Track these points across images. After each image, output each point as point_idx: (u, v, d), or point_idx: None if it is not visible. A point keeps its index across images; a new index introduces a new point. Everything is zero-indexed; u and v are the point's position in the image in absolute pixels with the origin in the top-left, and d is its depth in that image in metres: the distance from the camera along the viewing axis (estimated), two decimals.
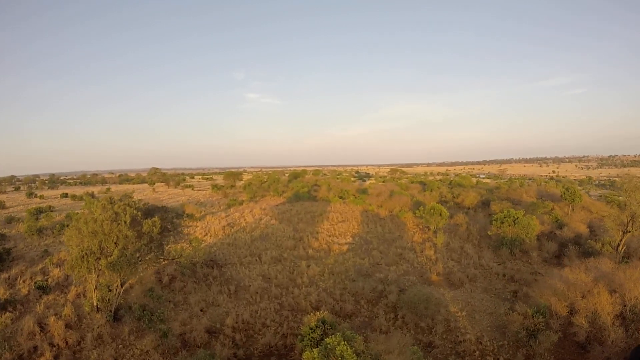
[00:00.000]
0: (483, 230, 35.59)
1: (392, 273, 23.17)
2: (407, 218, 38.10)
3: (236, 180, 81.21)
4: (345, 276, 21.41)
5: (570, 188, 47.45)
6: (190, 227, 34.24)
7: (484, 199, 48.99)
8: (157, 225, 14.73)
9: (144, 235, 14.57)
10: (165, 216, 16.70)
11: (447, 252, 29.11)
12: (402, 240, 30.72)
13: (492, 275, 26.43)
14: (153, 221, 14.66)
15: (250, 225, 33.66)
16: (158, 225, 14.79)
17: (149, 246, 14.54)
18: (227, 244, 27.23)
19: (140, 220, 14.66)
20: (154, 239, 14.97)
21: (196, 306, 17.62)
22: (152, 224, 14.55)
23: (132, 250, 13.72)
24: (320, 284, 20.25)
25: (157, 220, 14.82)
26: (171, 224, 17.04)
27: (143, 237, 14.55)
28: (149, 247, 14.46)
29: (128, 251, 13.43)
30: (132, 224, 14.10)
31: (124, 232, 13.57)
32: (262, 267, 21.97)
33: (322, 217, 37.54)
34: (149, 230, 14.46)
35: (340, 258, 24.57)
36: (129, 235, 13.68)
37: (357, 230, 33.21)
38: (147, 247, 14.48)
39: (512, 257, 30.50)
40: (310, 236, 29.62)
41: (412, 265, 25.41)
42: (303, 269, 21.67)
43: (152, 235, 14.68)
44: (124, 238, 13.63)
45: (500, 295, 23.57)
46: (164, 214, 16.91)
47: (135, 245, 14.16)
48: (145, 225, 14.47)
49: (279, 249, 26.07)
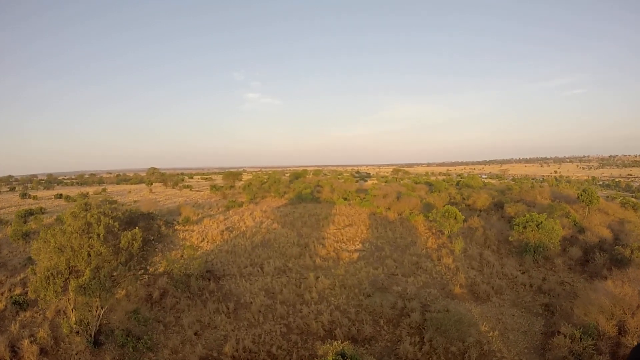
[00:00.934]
0: (500, 235, 33.20)
1: (410, 285, 20.71)
2: (418, 221, 35.63)
3: (235, 180, 78.63)
4: (359, 290, 18.92)
5: (587, 189, 45.13)
6: (186, 231, 31.75)
7: (496, 200, 46.56)
8: (138, 238, 12.07)
9: (122, 252, 11.95)
10: (150, 225, 14.07)
11: (466, 260, 26.65)
12: (416, 247, 28.24)
13: (518, 285, 24.00)
14: (133, 234, 12.01)
15: (250, 230, 31.15)
16: (139, 239, 12.13)
17: (128, 265, 11.88)
18: (226, 252, 24.70)
19: (118, 233, 12.10)
20: (134, 256, 12.28)
21: (190, 329, 15.11)
22: (131, 237, 11.91)
23: (106, 270, 11.13)
24: (332, 299, 17.75)
25: (138, 233, 12.14)
26: (157, 234, 14.37)
27: (121, 254, 11.91)
28: (127, 266, 11.79)
29: (102, 272, 10.89)
30: (107, 238, 11.56)
31: (96, 248, 11.03)
32: (265, 280, 19.45)
33: (328, 221, 35.05)
34: (127, 245, 11.86)
35: (351, 268, 22.08)
36: (102, 252, 11.13)
37: (366, 235, 30.73)
38: (125, 267, 11.78)
39: (535, 264, 28.13)
40: (317, 242, 27.12)
41: (431, 275, 22.94)
42: (311, 282, 19.17)
43: (132, 251, 12.03)
44: (96, 255, 11.10)
45: (530, 310, 21.15)
46: (149, 223, 14.31)
47: (112, 263, 11.57)
48: (124, 239, 11.87)
49: (283, 257, 23.56)
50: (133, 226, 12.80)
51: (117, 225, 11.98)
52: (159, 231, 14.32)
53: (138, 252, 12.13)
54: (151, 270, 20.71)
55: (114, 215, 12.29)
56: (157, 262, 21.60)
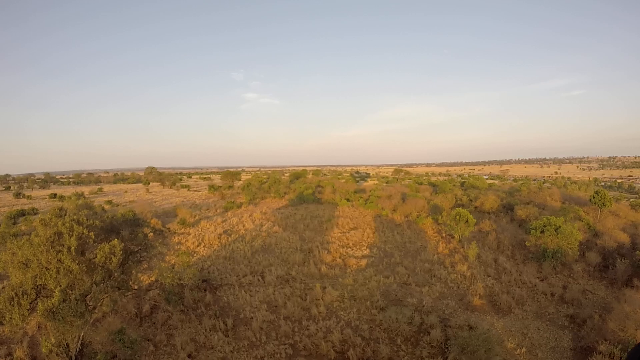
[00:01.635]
0: (513, 239, 31.51)
1: (426, 296, 18.94)
2: (427, 224, 33.89)
3: (234, 180, 76.68)
4: (370, 302, 17.13)
5: (600, 191, 43.48)
6: (182, 234, 29.89)
7: (505, 202, 44.81)
8: (118, 252, 10.12)
9: (98, 268, 10.00)
10: (134, 234, 12.14)
11: (481, 267, 24.90)
12: (427, 252, 26.47)
13: (539, 295, 22.30)
14: (111, 246, 10.04)
15: (249, 233, 29.31)
16: (119, 253, 10.15)
17: (106, 284, 9.87)
18: (223, 258, 22.87)
19: (94, 244, 10.20)
20: (113, 273, 10.30)
21: (183, 350, 13.29)
22: (109, 250, 9.98)
23: (79, 292, 9.19)
24: (341, 314, 15.96)
25: (118, 245, 10.14)
26: (143, 245, 12.41)
27: (97, 271, 9.95)
28: (103, 287, 9.76)
29: (74, 293, 9.00)
30: (81, 251, 9.66)
31: (66, 264, 9.16)
32: (267, 291, 17.63)
33: (331, 223, 33.27)
34: (104, 260, 9.92)
35: (360, 277, 20.28)
36: (73, 268, 9.24)
37: (373, 239, 28.95)
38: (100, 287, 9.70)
39: (552, 271, 26.44)
40: (321, 247, 25.31)
41: (447, 284, 21.18)
42: (317, 293, 17.36)
43: (110, 268, 10.07)
44: (66, 273, 9.22)
45: (555, 322, 19.45)
46: (134, 230, 12.39)
47: (86, 282, 9.62)
48: (100, 253, 9.94)
49: (285, 264, 21.75)
50: (115, 235, 10.98)
51: (93, 236, 10.04)
52: (144, 241, 12.31)
53: (118, 268, 10.18)
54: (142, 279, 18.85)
55: (90, 224, 10.35)
56: (149, 269, 19.78)
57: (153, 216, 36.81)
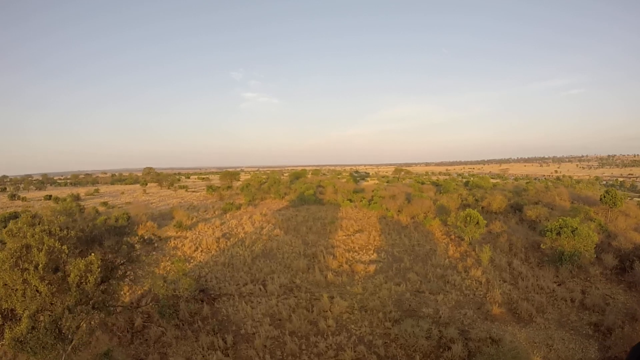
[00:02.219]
0: (525, 241, 30.17)
1: (442, 306, 17.53)
2: (434, 226, 32.50)
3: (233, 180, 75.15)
4: (383, 314, 15.71)
5: (610, 191, 42.23)
6: (178, 238, 28.43)
7: (512, 202, 43.48)
8: (95, 269, 8.41)
9: (73, 289, 8.40)
10: (118, 245, 10.54)
11: (496, 271, 23.52)
12: (437, 256, 25.08)
13: (559, 301, 20.89)
14: (87, 262, 8.39)
15: (249, 237, 27.85)
16: (97, 271, 8.49)
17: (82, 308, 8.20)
18: (222, 264, 21.41)
19: (67, 260, 8.62)
20: (90, 294, 8.65)
21: None
22: (85, 267, 8.37)
23: (48, 319, 7.57)
24: (352, 328, 14.53)
25: (95, 261, 8.37)
26: (127, 257, 10.80)
27: (71, 292, 8.35)
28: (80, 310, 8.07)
29: (43, 320, 7.45)
30: (53, 267, 8.09)
31: (33, 285, 7.62)
32: (269, 302, 16.17)
33: (335, 226, 31.84)
34: (78, 279, 8.28)
35: (369, 284, 18.86)
36: (42, 290, 7.68)
37: (380, 242, 27.53)
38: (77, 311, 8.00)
39: (569, 275, 25.10)
40: (326, 252, 23.88)
41: (462, 291, 19.77)
42: (325, 304, 15.93)
43: (86, 289, 8.42)
44: (34, 295, 7.67)
45: (579, 331, 18.05)
46: (119, 240, 10.81)
47: (57, 307, 7.99)
48: (73, 270, 8.30)
49: (289, 271, 20.30)
50: (97, 245, 9.52)
51: (66, 250, 8.47)
52: (130, 253, 10.68)
53: (95, 288, 8.56)
54: (134, 289, 17.39)
55: (63, 235, 8.77)
56: (142, 276, 18.32)
57: (148, 218, 35.32)
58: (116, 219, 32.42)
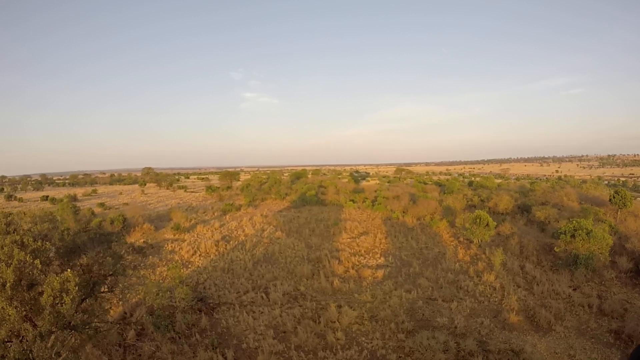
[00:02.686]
0: (536, 243, 29.06)
1: (456, 314, 16.41)
2: (441, 228, 31.40)
3: (233, 180, 73.98)
4: (395, 324, 14.59)
5: (620, 191, 41.21)
6: (176, 241, 27.29)
7: (519, 203, 42.38)
8: (72, 288, 6.92)
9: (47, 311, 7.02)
10: (102, 256, 9.18)
11: (509, 276, 22.42)
12: (447, 260, 23.96)
13: (576, 307, 19.76)
14: (62, 280, 6.98)
15: (250, 240, 26.71)
16: (74, 290, 6.95)
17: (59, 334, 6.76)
18: (221, 270, 20.27)
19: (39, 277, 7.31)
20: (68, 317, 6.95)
21: None
22: (60, 286, 7.07)
23: (17, 348, 6.30)
24: (363, 340, 13.41)
25: (73, 278, 6.71)
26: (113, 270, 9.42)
27: (44, 316, 7.03)
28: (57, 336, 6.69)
29: (12, 350, 6.21)
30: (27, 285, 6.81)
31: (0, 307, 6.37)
32: (273, 312, 15.04)
33: (339, 228, 30.71)
34: (51, 300, 6.95)
35: (378, 291, 17.74)
36: (10, 314, 6.42)
37: (386, 245, 26.41)
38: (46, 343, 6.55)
39: (583, 279, 24.02)
40: (330, 256, 22.75)
41: (476, 298, 18.66)
42: (332, 314, 14.80)
43: (62, 311, 7.14)
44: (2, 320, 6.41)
45: (600, 339, 16.94)
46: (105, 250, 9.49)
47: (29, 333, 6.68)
48: (47, 289, 6.88)
49: (292, 277, 19.17)
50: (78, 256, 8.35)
51: (39, 264, 7.22)
52: (116, 265, 9.32)
53: (73, 309, 7.19)
54: (127, 297, 16.26)
55: (37, 247, 7.45)
56: (137, 283, 17.19)
57: (145, 220, 34.16)
58: (111, 221, 31.28)
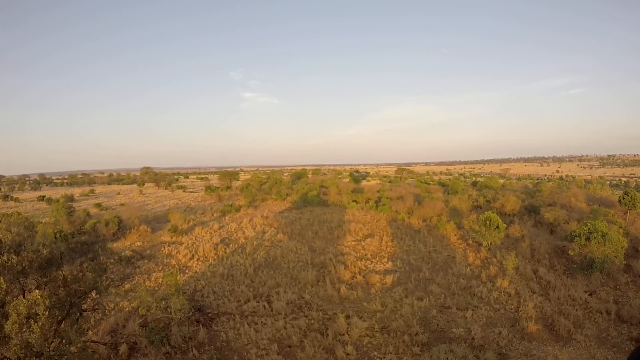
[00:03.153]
0: (547, 246, 28.01)
1: (472, 324, 15.34)
2: (448, 230, 30.33)
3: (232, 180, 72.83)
4: (408, 336, 13.51)
5: (629, 192, 40.22)
6: (173, 244, 26.19)
7: (526, 203, 41.32)
8: (42, 312, 5.63)
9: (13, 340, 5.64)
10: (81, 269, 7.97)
11: (522, 281, 21.36)
12: (457, 264, 22.89)
13: (594, 314, 18.72)
14: (29, 303, 5.67)
15: (250, 243, 25.60)
16: (44, 315, 5.53)
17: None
18: (220, 275, 19.16)
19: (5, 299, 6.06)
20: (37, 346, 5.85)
21: None
22: (27, 310, 5.66)
23: None
24: (375, 355, 12.32)
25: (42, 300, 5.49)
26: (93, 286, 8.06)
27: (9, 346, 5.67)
28: None
29: None
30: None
31: None
32: (276, 324, 13.94)
33: (343, 230, 29.62)
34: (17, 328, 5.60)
35: (388, 299, 16.65)
36: None
37: (393, 248, 25.33)
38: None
39: (598, 283, 22.98)
40: (335, 260, 21.66)
41: (491, 306, 17.59)
42: (341, 326, 13.71)
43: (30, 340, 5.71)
44: None
45: (621, 348, 15.91)
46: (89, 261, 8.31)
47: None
48: (12, 314, 5.59)
49: (296, 284, 18.08)
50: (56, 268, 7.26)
51: (3, 283, 5.96)
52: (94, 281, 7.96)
53: (42, 338, 5.96)
54: (121, 305, 15.16)
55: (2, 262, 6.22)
56: (131, 290, 16.09)
57: (142, 222, 33.04)
58: (106, 222, 30.13)
